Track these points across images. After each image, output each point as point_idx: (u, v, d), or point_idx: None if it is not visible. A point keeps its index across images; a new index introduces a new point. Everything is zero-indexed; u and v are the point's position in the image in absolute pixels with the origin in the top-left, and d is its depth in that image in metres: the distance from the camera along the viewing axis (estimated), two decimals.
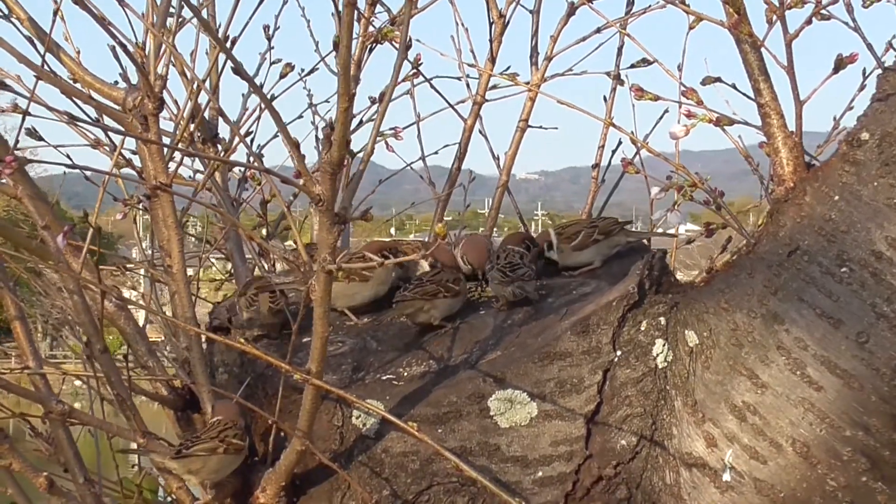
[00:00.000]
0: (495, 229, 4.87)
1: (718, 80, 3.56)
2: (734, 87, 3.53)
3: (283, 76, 4.63)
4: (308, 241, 4.35)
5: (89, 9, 3.11)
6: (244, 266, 4.77)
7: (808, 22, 3.32)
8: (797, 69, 3.38)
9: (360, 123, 4.78)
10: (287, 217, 3.85)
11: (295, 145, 2.73)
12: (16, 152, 3.49)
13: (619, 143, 4.72)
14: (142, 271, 5.01)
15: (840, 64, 3.47)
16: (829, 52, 3.55)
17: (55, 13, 3.55)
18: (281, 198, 4.08)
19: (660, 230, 4.46)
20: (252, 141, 4.80)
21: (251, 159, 4.70)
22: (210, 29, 2.74)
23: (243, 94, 4.94)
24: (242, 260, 4.76)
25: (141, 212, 4.58)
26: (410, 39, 2.98)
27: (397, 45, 3.23)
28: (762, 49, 3.45)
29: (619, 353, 3.41)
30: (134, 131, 3.34)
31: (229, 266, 4.93)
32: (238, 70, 2.74)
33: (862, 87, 3.89)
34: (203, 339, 3.69)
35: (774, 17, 3.40)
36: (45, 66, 3.70)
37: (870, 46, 3.61)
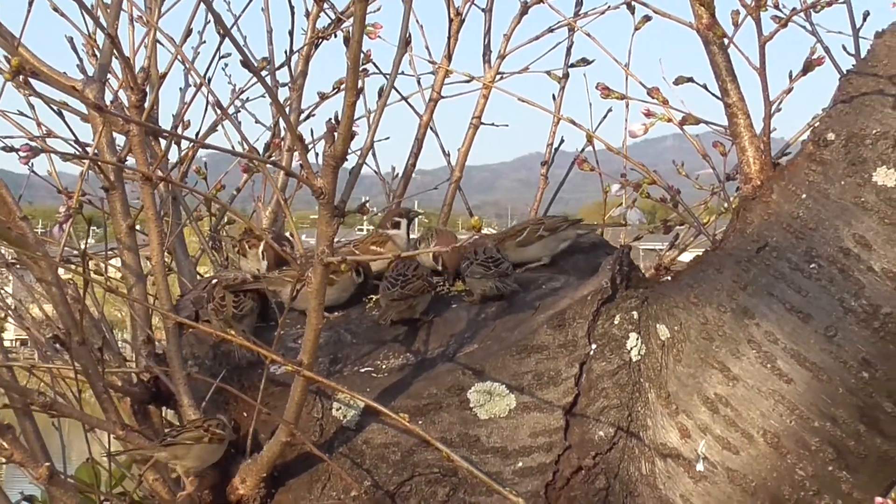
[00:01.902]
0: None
1: (690, 80, 3.65)
2: (705, 87, 3.61)
3: (260, 69, 4.63)
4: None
5: (82, 2, 3.09)
6: (187, 260, 4.76)
7: (784, 25, 3.41)
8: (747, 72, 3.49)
9: (309, 117, 4.82)
10: (287, 211, 3.83)
11: (300, 139, 2.75)
12: None
13: (562, 140, 4.82)
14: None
15: (809, 66, 3.57)
16: (784, 56, 3.66)
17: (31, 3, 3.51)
18: (280, 192, 4.08)
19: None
20: (197, 134, 4.80)
21: (193, 148, 4.71)
22: (219, 18, 2.74)
23: (180, 89, 4.95)
24: (185, 254, 4.75)
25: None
26: (410, 35, 3.00)
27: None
28: (739, 50, 3.53)
29: (594, 346, 3.47)
30: (114, 123, 3.32)
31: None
32: (246, 63, 2.75)
33: (789, 90, 4.00)
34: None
35: (741, 20, 3.49)
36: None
37: (827, 50, 3.73)
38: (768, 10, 3.49)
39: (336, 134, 2.77)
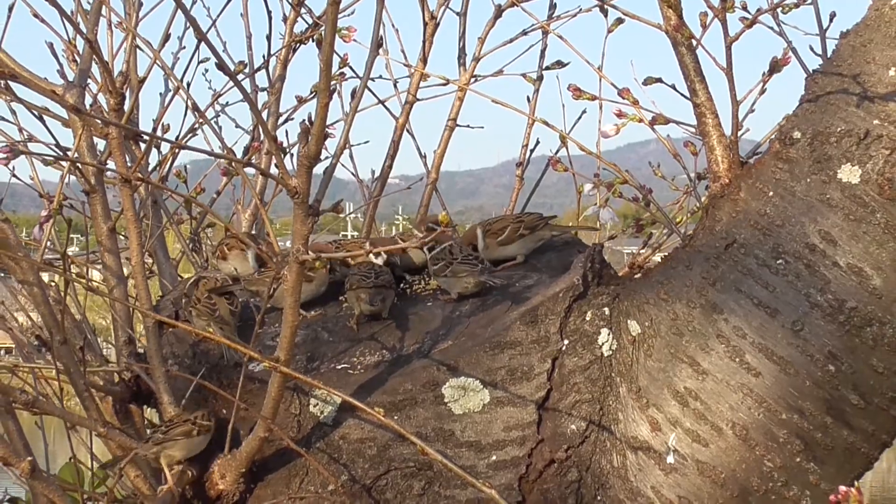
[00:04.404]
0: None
1: (659, 80, 3.71)
2: (673, 87, 3.68)
3: (237, 72, 4.69)
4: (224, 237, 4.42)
5: (59, 6, 3.15)
6: (168, 262, 4.82)
7: (750, 25, 3.48)
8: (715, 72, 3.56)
9: (287, 120, 4.88)
10: (262, 212, 3.89)
11: (273, 139, 2.81)
12: None
13: (538, 142, 4.88)
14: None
15: (775, 66, 3.64)
16: (757, 56, 3.72)
17: (10, 9, 3.57)
18: (257, 195, 4.14)
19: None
20: (177, 138, 4.86)
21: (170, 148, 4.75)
22: (195, 23, 2.80)
23: (161, 94, 5.01)
24: (166, 257, 4.80)
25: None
26: (382, 38, 3.06)
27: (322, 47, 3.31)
28: (706, 51, 3.60)
29: (566, 342, 3.53)
30: (93, 126, 3.38)
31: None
32: (221, 66, 2.81)
33: (762, 92, 4.07)
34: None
35: (708, 21, 3.56)
36: None
37: (794, 50, 3.79)
38: (735, 11, 3.55)
39: (310, 135, 2.83)
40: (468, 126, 4.89)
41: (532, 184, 5.04)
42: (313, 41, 4.79)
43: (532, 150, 4.90)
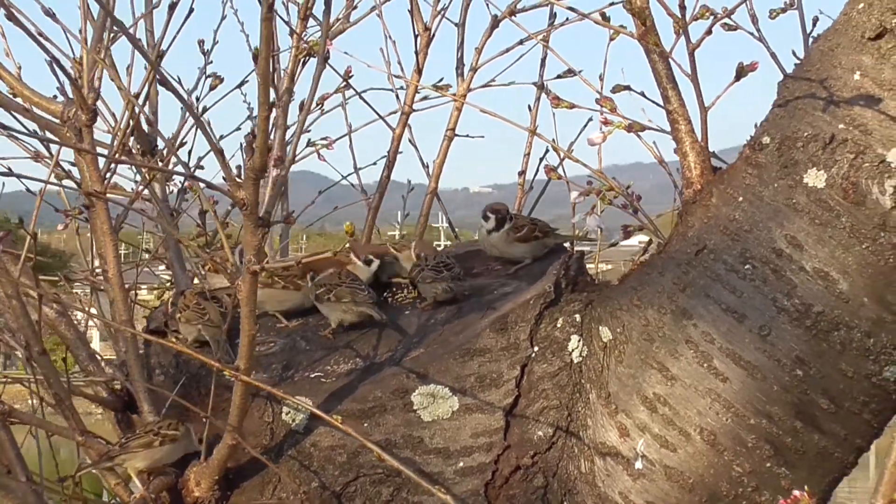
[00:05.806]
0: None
1: (628, 88, 3.73)
2: (643, 94, 3.69)
3: (212, 88, 4.76)
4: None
5: (23, 25, 3.24)
6: (184, 274, 4.90)
7: (709, 32, 3.48)
8: (704, 79, 3.55)
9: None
10: (218, 225, 3.97)
11: (220, 152, 2.88)
12: None
13: (547, 150, 4.87)
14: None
15: (741, 72, 3.63)
16: (734, 63, 3.71)
17: None
18: (213, 208, 4.21)
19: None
20: (190, 152, 4.95)
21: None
22: (138, 45, 2.88)
23: (182, 108, 5.08)
24: (182, 268, 4.89)
25: (84, 223, 4.69)
26: (328, 52, 3.11)
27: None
28: (671, 59, 3.61)
29: (536, 348, 3.57)
30: (69, 142, 3.47)
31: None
32: (164, 82, 2.88)
33: (772, 94, 4.06)
34: (140, 342, 3.82)
35: (681, 29, 3.57)
36: None
37: (774, 56, 3.79)
38: (709, 18, 3.55)
39: (254, 147, 2.89)
40: (467, 136, 4.92)
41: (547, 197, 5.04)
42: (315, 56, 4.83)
43: (541, 160, 4.90)
